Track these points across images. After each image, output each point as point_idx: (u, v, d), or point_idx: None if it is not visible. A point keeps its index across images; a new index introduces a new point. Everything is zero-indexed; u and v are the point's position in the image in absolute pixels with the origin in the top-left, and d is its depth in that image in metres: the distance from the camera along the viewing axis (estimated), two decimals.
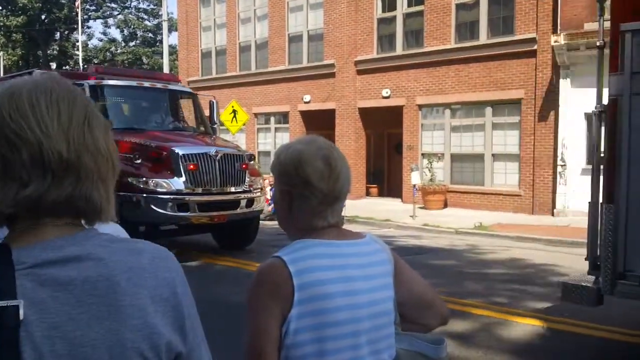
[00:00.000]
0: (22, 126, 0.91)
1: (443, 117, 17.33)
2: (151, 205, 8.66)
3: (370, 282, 1.55)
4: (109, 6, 46.19)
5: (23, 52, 42.32)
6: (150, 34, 46.31)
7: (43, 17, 42.22)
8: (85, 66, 36.08)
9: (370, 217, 14.83)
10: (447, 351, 1.70)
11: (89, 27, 47.21)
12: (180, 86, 12.01)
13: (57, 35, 44.63)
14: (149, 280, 0.94)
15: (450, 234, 12.79)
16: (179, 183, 8.93)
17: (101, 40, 47.84)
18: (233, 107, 16.66)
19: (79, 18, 34.93)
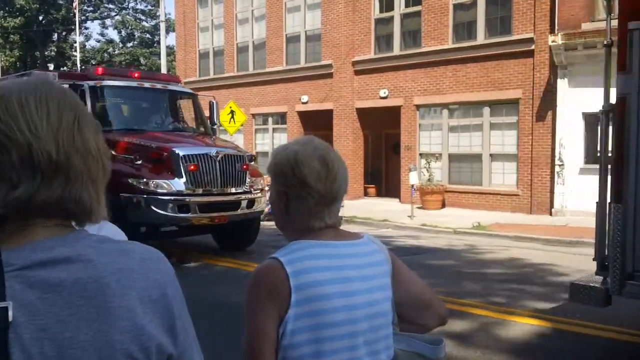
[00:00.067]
0: (12, 127, 0.91)
1: (441, 117, 17.34)
2: (152, 207, 8.62)
3: (368, 283, 1.55)
4: (106, 7, 46.18)
5: (21, 53, 42.25)
6: (148, 35, 46.26)
7: (40, 18, 42.15)
8: (84, 67, 36.04)
9: (368, 217, 14.83)
10: (446, 351, 1.70)
11: (86, 28, 47.01)
12: (180, 87, 11.97)
13: (55, 37, 44.56)
14: (138, 282, 0.94)
15: (449, 234, 12.80)
16: (180, 184, 8.90)
17: (99, 41, 47.89)
18: (231, 107, 16.66)
19: (77, 19, 34.84)
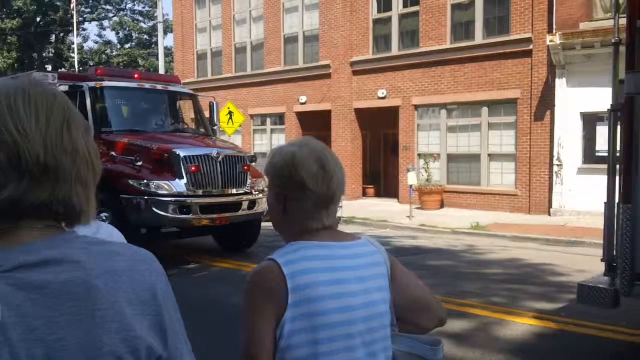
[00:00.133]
0: (0, 128, 0.90)
1: (439, 117, 17.34)
2: (152, 208, 8.58)
3: (365, 284, 1.54)
4: (104, 8, 46.10)
5: (18, 54, 42.18)
6: (146, 36, 46.21)
7: (38, 19, 42.10)
8: (81, 68, 35.99)
9: (366, 217, 14.83)
10: (444, 352, 1.69)
11: (84, 30, 46.93)
12: (181, 87, 11.94)
13: (53, 38, 44.51)
14: (127, 283, 0.94)
15: (447, 234, 12.79)
16: (181, 185, 8.85)
17: (96, 42, 47.86)
18: (229, 108, 16.66)
19: (74, 20, 34.77)
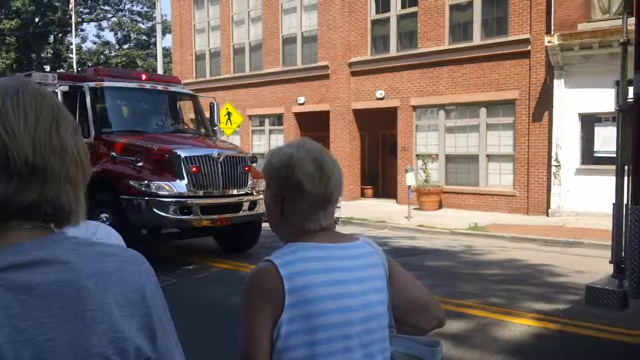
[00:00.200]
0: None
1: (437, 118, 17.35)
2: (153, 209, 8.56)
3: (363, 285, 1.54)
4: (102, 9, 46.09)
5: (17, 55, 42.15)
6: (144, 37, 46.19)
7: (37, 20, 42.07)
8: (80, 69, 35.96)
9: (365, 218, 14.82)
10: (443, 353, 1.69)
11: (82, 30, 46.91)
12: (181, 88, 11.91)
13: (51, 39, 44.47)
14: (116, 284, 0.93)
15: (445, 235, 12.79)
16: (181, 186, 8.83)
17: (95, 43, 47.79)
18: (227, 109, 16.64)
19: (73, 21, 34.75)
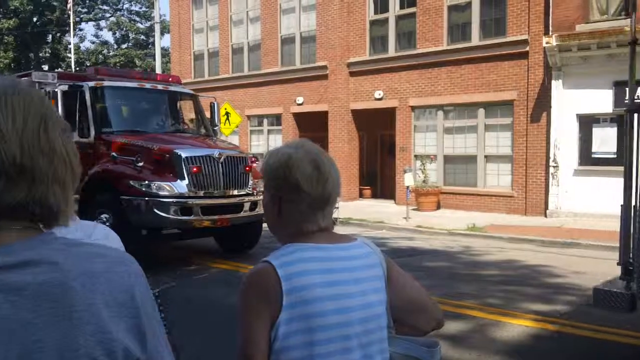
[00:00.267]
0: None
1: (436, 118, 17.36)
2: (153, 209, 8.50)
3: (361, 286, 1.54)
4: (101, 8, 46.04)
5: (15, 54, 42.11)
6: (143, 37, 46.14)
7: (35, 19, 42.01)
8: (78, 68, 35.93)
9: (363, 219, 14.82)
10: (441, 354, 1.69)
11: (81, 30, 46.99)
12: (181, 87, 11.87)
13: (49, 38, 44.42)
14: (104, 285, 0.93)
15: (444, 236, 12.80)
16: (182, 186, 8.77)
17: (93, 42, 47.73)
18: (226, 109, 16.63)
19: (71, 20, 34.73)
